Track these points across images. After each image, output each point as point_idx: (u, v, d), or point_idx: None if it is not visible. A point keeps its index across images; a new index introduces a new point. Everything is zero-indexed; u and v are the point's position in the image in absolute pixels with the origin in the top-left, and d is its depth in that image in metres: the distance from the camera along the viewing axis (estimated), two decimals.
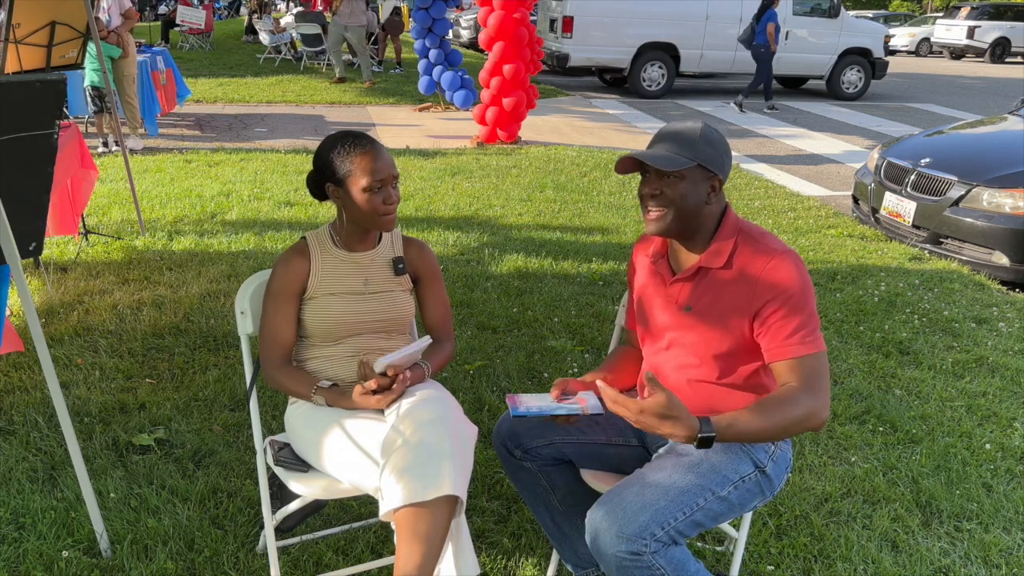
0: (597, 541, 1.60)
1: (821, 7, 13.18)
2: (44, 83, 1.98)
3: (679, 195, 1.70)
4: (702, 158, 1.69)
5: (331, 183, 1.94)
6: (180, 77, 9.20)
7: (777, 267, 1.69)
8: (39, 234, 2.26)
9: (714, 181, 1.72)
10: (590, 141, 8.97)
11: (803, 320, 1.67)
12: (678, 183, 1.70)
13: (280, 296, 1.96)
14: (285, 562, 2.20)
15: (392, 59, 15.58)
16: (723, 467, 1.71)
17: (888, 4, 43.13)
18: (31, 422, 2.84)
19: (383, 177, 1.89)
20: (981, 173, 4.97)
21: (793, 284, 1.67)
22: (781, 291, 1.68)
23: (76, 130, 4.24)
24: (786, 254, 1.70)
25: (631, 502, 1.60)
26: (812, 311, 1.69)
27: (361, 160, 1.89)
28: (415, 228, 5.36)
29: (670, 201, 1.70)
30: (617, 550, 1.55)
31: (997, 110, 12.40)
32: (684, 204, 1.70)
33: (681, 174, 1.69)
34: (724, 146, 1.74)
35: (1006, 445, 2.95)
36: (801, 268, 1.70)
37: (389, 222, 1.94)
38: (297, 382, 1.95)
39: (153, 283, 4.21)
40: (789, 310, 1.67)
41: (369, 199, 1.89)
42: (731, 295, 1.72)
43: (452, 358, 2.16)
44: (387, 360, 1.82)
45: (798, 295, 1.67)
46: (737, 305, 1.71)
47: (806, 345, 1.67)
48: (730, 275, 1.72)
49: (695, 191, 1.70)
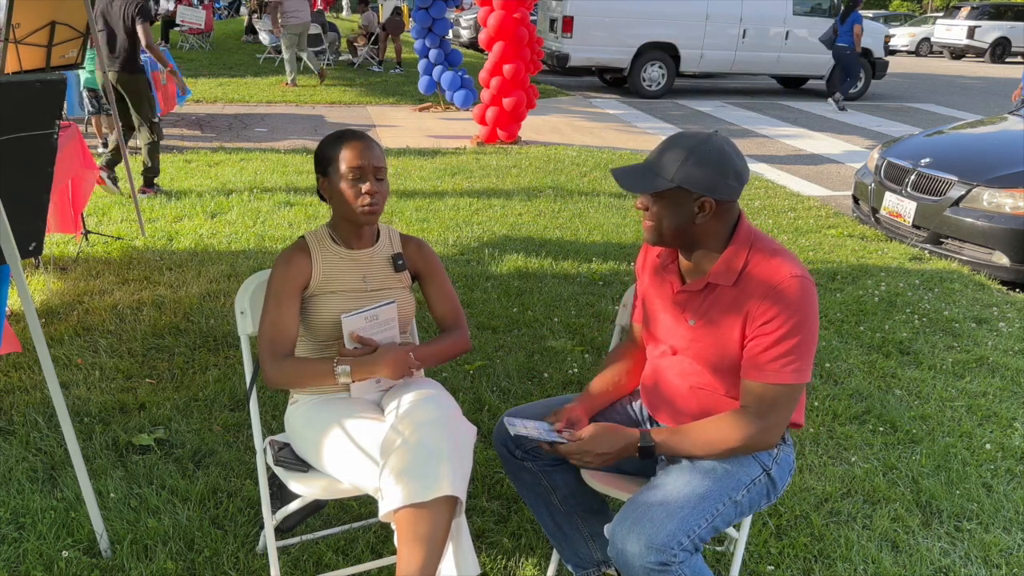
0: (624, 554, 1.58)
1: (821, 7, 13.18)
2: (44, 83, 1.98)
3: (659, 214, 1.68)
4: (682, 179, 1.62)
5: (320, 176, 1.95)
6: (180, 77, 9.18)
7: (783, 292, 1.62)
8: (39, 234, 2.26)
9: (702, 201, 1.64)
10: (590, 141, 8.96)
11: (791, 348, 1.62)
12: (658, 202, 1.67)
13: (283, 293, 1.94)
14: (285, 562, 2.20)
15: (392, 59, 15.59)
16: (736, 470, 1.71)
17: (888, 4, 43.14)
18: (31, 422, 2.84)
19: (362, 165, 1.88)
20: (981, 173, 4.97)
21: (793, 311, 1.62)
22: (778, 314, 1.62)
23: (76, 130, 4.24)
24: (795, 279, 1.62)
25: (656, 511, 1.59)
26: (805, 341, 1.63)
27: (345, 149, 1.89)
28: (415, 228, 5.36)
29: (655, 216, 1.69)
30: (646, 561, 1.54)
31: (997, 110, 12.40)
32: (666, 222, 1.67)
33: (660, 194, 1.66)
34: (723, 165, 1.63)
35: (1006, 445, 2.95)
36: (807, 296, 1.63)
37: (368, 214, 1.90)
38: (311, 367, 1.88)
39: (153, 283, 4.21)
40: (782, 335, 1.62)
41: (348, 188, 1.89)
42: (735, 315, 1.68)
43: (468, 347, 2.11)
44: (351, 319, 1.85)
45: (795, 323, 1.61)
46: (739, 324, 1.68)
47: (782, 374, 1.64)
48: (736, 294, 1.68)
49: (678, 211, 1.65)
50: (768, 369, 1.64)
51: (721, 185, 1.63)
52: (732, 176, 1.64)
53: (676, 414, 1.83)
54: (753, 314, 1.65)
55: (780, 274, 1.63)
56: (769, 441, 1.69)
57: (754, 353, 1.65)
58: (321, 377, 1.87)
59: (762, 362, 1.64)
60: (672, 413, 1.84)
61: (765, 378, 1.64)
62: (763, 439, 1.68)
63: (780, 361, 1.63)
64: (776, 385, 1.64)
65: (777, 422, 1.67)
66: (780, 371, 1.64)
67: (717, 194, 1.63)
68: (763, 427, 1.66)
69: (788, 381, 1.64)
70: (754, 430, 1.66)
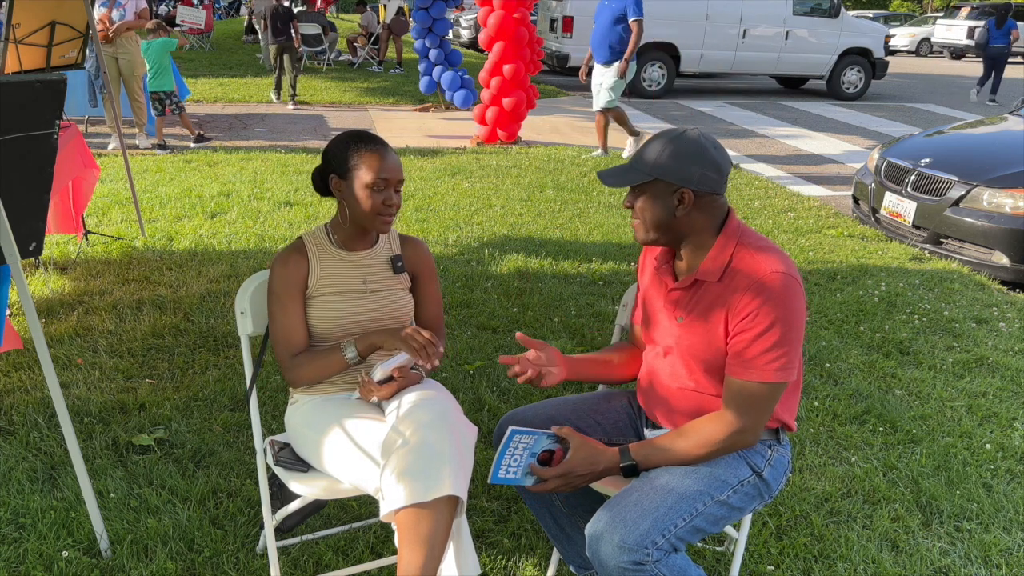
0: (599, 552, 1.59)
1: (821, 7, 13.18)
2: (44, 83, 1.98)
3: (642, 208, 1.71)
4: (659, 172, 1.66)
5: (335, 175, 1.94)
6: (179, 77, 9.18)
7: (765, 286, 1.61)
8: (39, 234, 2.26)
9: (680, 192, 1.65)
10: (590, 141, 8.96)
11: (774, 343, 1.61)
12: (640, 196, 1.71)
13: (285, 295, 1.95)
14: (285, 562, 2.20)
15: (392, 59, 15.60)
16: (721, 472, 1.71)
17: (888, 4, 43.14)
18: (31, 422, 2.84)
19: (387, 177, 1.90)
20: (981, 173, 4.97)
21: (774, 305, 1.60)
22: (759, 308, 1.61)
23: (76, 130, 4.24)
24: (777, 275, 1.61)
25: (630, 511, 1.59)
26: (788, 339, 1.62)
27: (369, 156, 1.89)
28: (415, 228, 5.36)
29: (640, 212, 1.72)
30: (620, 560, 1.55)
31: (997, 110, 12.41)
32: (649, 216, 1.70)
33: (641, 187, 1.70)
34: (699, 156, 1.65)
35: (1006, 445, 2.95)
36: (790, 292, 1.61)
37: (385, 224, 1.93)
38: (322, 357, 1.92)
39: (153, 283, 4.21)
40: (762, 329, 1.61)
41: (370, 196, 1.89)
42: (719, 310, 1.68)
43: (442, 357, 2.15)
44: (383, 368, 1.85)
45: (776, 317, 1.60)
46: (723, 319, 1.68)
47: (765, 371, 1.63)
48: (721, 289, 1.68)
49: (659, 204, 1.68)
50: (753, 366, 1.64)
51: (696, 175, 1.65)
52: (709, 167, 1.66)
53: (670, 413, 1.84)
54: (736, 308, 1.65)
55: (763, 269, 1.63)
56: (748, 440, 1.69)
57: (737, 349, 1.65)
58: (333, 362, 1.92)
59: (746, 358, 1.64)
60: (666, 412, 1.85)
61: (749, 375, 1.64)
62: (742, 439, 1.68)
63: (764, 357, 1.62)
64: (758, 383, 1.64)
65: (758, 421, 1.67)
66: (764, 368, 1.63)
67: (694, 185, 1.65)
68: (742, 426, 1.66)
69: (771, 380, 1.63)
70: (733, 429, 1.67)
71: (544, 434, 1.71)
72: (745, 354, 1.64)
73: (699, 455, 1.69)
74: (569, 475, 1.70)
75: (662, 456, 1.71)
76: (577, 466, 1.70)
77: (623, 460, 1.72)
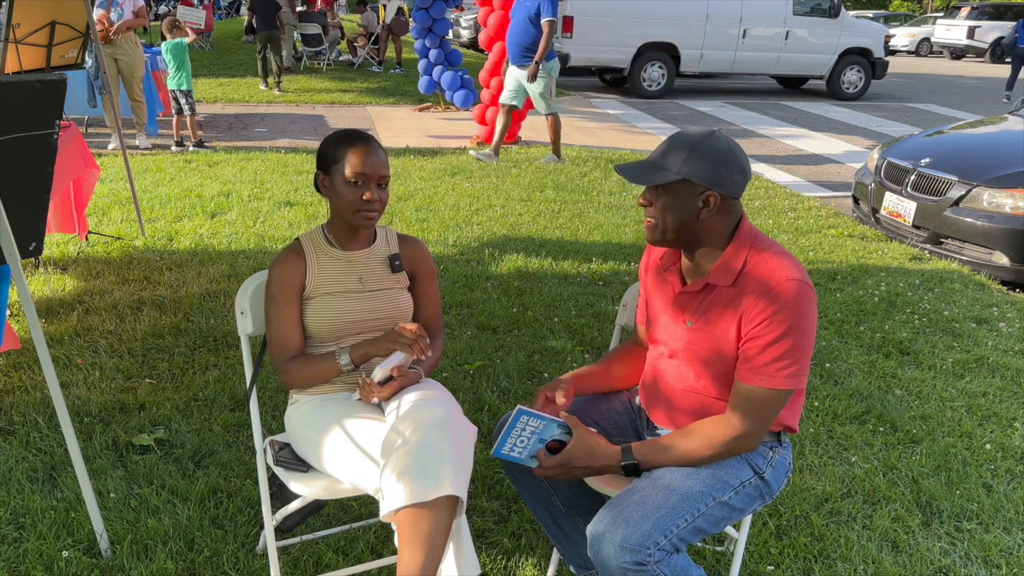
0: (600, 552, 1.58)
1: (821, 7, 13.18)
2: (44, 83, 1.98)
3: (663, 208, 1.67)
4: (687, 171, 1.62)
5: (322, 171, 1.96)
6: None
7: (779, 293, 1.60)
8: (39, 234, 2.26)
9: (707, 195, 1.63)
10: (590, 141, 8.96)
11: (786, 351, 1.61)
12: (663, 195, 1.66)
13: (281, 297, 1.95)
14: (285, 562, 2.20)
15: (392, 59, 15.60)
16: (723, 473, 1.71)
17: (888, 4, 43.14)
18: (31, 422, 2.84)
19: (367, 172, 1.89)
20: (981, 173, 4.97)
21: (788, 312, 1.60)
22: (773, 315, 1.61)
23: (76, 130, 4.24)
24: (792, 282, 1.61)
25: (632, 511, 1.59)
26: (800, 347, 1.61)
27: (351, 152, 1.90)
28: (415, 228, 5.36)
29: (658, 212, 1.68)
30: (621, 561, 1.54)
31: (997, 110, 12.40)
32: (670, 217, 1.66)
33: (665, 187, 1.65)
34: (727, 159, 1.63)
35: (1006, 445, 2.95)
36: (803, 300, 1.61)
37: (366, 220, 1.93)
38: (316, 364, 1.93)
39: (153, 283, 4.21)
40: (775, 337, 1.61)
41: (350, 191, 1.90)
42: (732, 315, 1.67)
43: (441, 355, 2.16)
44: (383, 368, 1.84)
45: (789, 325, 1.60)
46: (735, 324, 1.67)
47: (776, 378, 1.62)
48: (734, 294, 1.67)
49: (682, 205, 1.65)
50: (763, 372, 1.63)
51: (727, 179, 1.63)
52: (737, 171, 1.65)
53: (672, 413, 1.83)
54: (748, 313, 1.64)
55: (778, 275, 1.62)
56: (751, 445, 1.69)
57: (749, 355, 1.65)
58: (327, 368, 1.92)
59: (757, 364, 1.64)
60: (669, 412, 1.85)
61: (759, 381, 1.64)
62: (746, 443, 1.68)
63: (775, 365, 1.62)
64: (767, 390, 1.64)
65: (762, 426, 1.67)
66: (774, 375, 1.63)
67: (723, 188, 1.63)
68: (747, 431, 1.66)
69: (781, 387, 1.63)
70: (737, 433, 1.66)
71: (555, 421, 1.71)
72: (756, 360, 1.64)
73: (701, 457, 1.69)
74: (567, 464, 1.70)
75: (664, 456, 1.71)
76: (576, 457, 1.70)
77: (624, 459, 1.71)
